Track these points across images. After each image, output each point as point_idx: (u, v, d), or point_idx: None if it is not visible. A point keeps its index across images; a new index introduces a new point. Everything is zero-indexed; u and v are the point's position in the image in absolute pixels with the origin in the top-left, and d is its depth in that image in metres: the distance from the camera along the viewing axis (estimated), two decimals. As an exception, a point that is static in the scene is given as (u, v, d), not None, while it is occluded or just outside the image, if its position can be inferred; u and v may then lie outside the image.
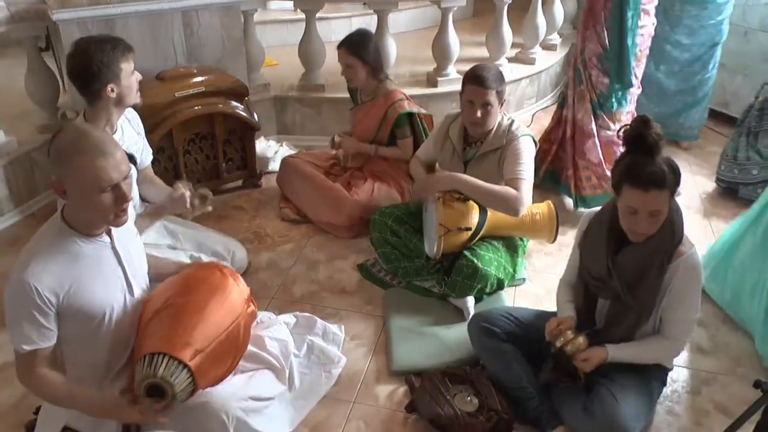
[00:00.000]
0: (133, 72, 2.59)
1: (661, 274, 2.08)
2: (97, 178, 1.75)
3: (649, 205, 1.98)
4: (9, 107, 3.62)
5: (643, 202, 1.98)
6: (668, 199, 2.00)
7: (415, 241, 3.01)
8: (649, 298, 2.11)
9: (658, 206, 1.99)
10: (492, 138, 2.85)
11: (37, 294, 1.77)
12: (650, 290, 2.10)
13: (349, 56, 3.38)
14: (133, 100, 2.64)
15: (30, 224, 3.48)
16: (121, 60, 2.52)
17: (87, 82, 2.52)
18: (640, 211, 2.00)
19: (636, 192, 1.98)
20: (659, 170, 1.96)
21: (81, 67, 2.49)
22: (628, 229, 2.08)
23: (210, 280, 2.14)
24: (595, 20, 3.32)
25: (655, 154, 1.99)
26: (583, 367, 2.16)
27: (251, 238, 3.43)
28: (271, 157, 4.09)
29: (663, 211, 2.01)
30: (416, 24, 5.89)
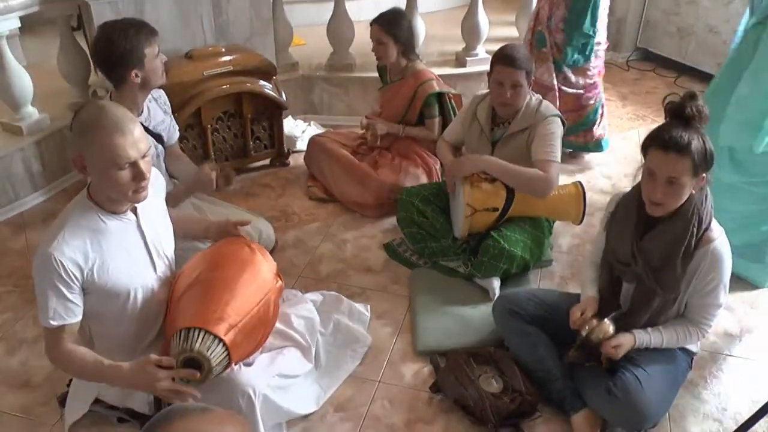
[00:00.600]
0: (158, 55, 2.59)
1: (687, 260, 2.06)
2: (115, 155, 1.78)
3: (668, 169, 1.95)
4: (42, 85, 3.66)
5: (661, 164, 1.96)
6: (690, 171, 1.95)
7: (442, 221, 3.01)
8: (674, 283, 2.08)
9: (676, 173, 1.94)
10: (520, 118, 2.83)
11: (62, 267, 1.80)
12: (675, 276, 2.07)
13: (383, 33, 3.37)
14: (158, 82, 2.65)
15: (62, 200, 3.54)
16: (144, 45, 2.52)
17: (111, 68, 2.54)
18: (658, 175, 1.97)
19: (656, 153, 1.97)
20: (686, 137, 1.93)
21: (105, 53, 2.52)
22: (646, 198, 2.05)
23: (239, 256, 2.18)
24: None
25: (690, 126, 1.96)
26: (613, 354, 2.13)
27: (278, 216, 3.46)
28: (298, 137, 4.10)
29: (681, 181, 1.95)
30: (445, 4, 5.84)
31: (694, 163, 1.94)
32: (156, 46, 2.57)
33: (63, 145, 3.65)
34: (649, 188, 2.03)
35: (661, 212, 2.05)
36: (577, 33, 3.57)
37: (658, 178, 1.98)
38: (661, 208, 2.04)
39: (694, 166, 1.95)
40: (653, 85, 5.11)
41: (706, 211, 2.06)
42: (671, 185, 1.97)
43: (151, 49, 2.55)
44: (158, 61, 2.59)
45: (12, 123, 3.50)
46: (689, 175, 1.96)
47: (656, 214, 2.06)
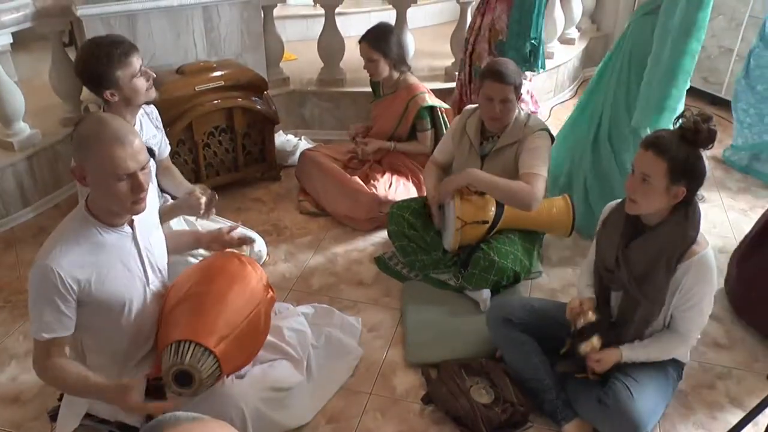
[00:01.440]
0: (138, 74, 2.53)
1: (670, 271, 2.08)
2: (114, 167, 1.79)
3: (643, 165, 2.03)
4: (34, 100, 3.68)
5: (639, 160, 2.05)
6: (665, 175, 1.99)
7: (433, 234, 3.03)
8: (657, 292, 2.11)
9: (649, 171, 2.01)
10: (509, 132, 2.86)
11: (59, 279, 1.80)
12: (657, 285, 2.10)
13: (371, 50, 3.40)
14: (142, 99, 2.60)
15: (54, 215, 3.54)
16: (116, 67, 2.47)
17: (90, 88, 2.57)
18: (636, 172, 2.06)
19: (640, 151, 2.05)
20: (672, 143, 2.00)
21: (82, 74, 2.53)
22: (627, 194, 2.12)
23: (229, 268, 2.18)
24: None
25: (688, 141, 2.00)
26: (595, 368, 2.19)
27: (270, 230, 3.47)
28: (290, 151, 4.12)
29: (653, 180, 2.01)
30: (434, 19, 5.89)
31: (670, 168, 1.98)
32: (132, 65, 2.51)
33: (54, 160, 3.65)
34: (627, 183, 2.10)
35: (635, 210, 2.10)
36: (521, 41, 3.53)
37: (635, 173, 2.06)
38: (635, 206, 2.09)
39: (669, 171, 1.99)
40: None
41: (692, 225, 2.08)
42: (644, 183, 2.03)
43: (125, 70, 2.49)
44: (138, 81, 2.54)
45: (4, 139, 3.50)
46: (663, 179, 2.00)
47: (631, 211, 2.12)
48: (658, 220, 2.10)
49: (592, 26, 5.59)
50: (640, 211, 2.10)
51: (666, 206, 2.07)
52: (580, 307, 2.22)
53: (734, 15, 4.59)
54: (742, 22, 4.56)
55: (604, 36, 5.55)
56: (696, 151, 2.01)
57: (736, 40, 4.61)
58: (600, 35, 5.55)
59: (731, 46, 4.66)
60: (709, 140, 2.01)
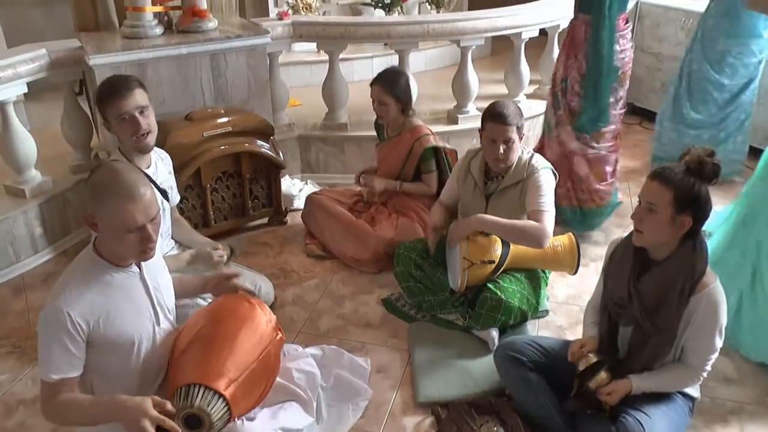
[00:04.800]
0: (123, 117, 2.58)
1: (682, 304, 2.11)
2: (124, 220, 1.84)
3: (649, 195, 2.08)
4: (46, 148, 3.74)
5: (645, 190, 2.10)
6: (670, 204, 2.03)
7: (439, 274, 3.05)
8: (669, 325, 2.13)
9: (654, 200, 2.06)
10: (513, 172, 2.90)
11: (69, 320, 1.83)
12: (670, 318, 2.12)
13: (384, 93, 3.47)
14: (126, 145, 2.67)
15: (62, 262, 3.57)
16: (106, 104, 2.60)
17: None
18: (642, 202, 2.11)
19: (646, 181, 2.10)
20: (678, 173, 2.05)
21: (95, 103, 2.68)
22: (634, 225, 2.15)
23: (238, 310, 2.20)
24: (576, 50, 3.47)
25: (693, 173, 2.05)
26: (608, 401, 2.18)
27: (277, 273, 3.49)
28: (296, 195, 4.16)
29: (659, 210, 2.05)
30: (436, 63, 6.01)
31: (676, 198, 2.03)
32: (119, 106, 2.57)
33: (64, 207, 3.70)
34: (633, 213, 2.13)
35: (641, 241, 2.14)
36: (594, 102, 3.48)
37: (641, 203, 2.10)
38: (641, 237, 2.12)
39: (675, 201, 2.03)
40: (640, 138, 5.23)
41: (700, 258, 2.11)
42: (649, 212, 2.07)
43: (113, 109, 2.58)
44: (121, 124, 2.60)
45: (15, 186, 3.56)
46: (668, 208, 2.04)
47: (637, 243, 2.15)
48: (666, 253, 2.13)
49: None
50: (646, 242, 2.13)
51: (672, 238, 2.10)
52: (581, 350, 2.24)
53: None
54: None
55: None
56: (701, 182, 2.06)
57: None
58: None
59: None
60: (713, 174, 2.06)
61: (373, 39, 4.49)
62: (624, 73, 3.51)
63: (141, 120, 2.61)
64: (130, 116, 2.59)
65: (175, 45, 3.59)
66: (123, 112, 2.58)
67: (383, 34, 4.36)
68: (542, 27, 4.80)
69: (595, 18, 3.34)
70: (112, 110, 2.59)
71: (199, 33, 3.72)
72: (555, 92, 3.63)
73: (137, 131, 2.61)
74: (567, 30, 3.63)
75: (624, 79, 3.52)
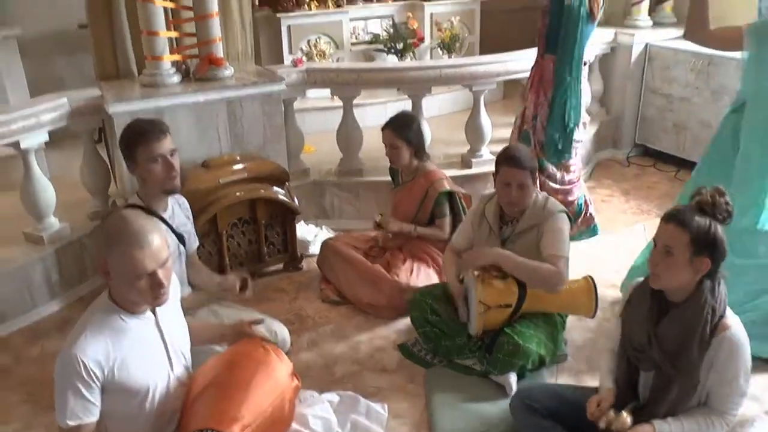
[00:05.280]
0: (156, 159, 2.62)
1: (703, 346, 2.08)
2: (134, 267, 1.87)
3: (665, 238, 2.06)
4: (64, 195, 3.78)
5: (661, 233, 2.09)
6: (688, 247, 2.03)
7: (456, 319, 3.03)
8: (691, 369, 2.10)
9: (672, 243, 2.04)
10: (528, 216, 2.91)
11: (83, 367, 1.85)
12: (692, 362, 2.09)
13: (395, 138, 3.50)
14: (157, 187, 2.69)
15: (78, 308, 3.56)
16: (136, 146, 2.62)
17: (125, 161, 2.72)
18: (658, 244, 2.09)
19: (661, 224, 2.10)
20: (692, 215, 2.05)
21: (120, 145, 2.70)
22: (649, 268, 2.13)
23: (254, 356, 2.22)
24: (546, 88, 3.69)
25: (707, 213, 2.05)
26: None
27: (293, 319, 3.48)
28: (311, 241, 4.17)
29: (676, 252, 2.04)
30: (449, 108, 6.06)
31: (693, 239, 2.02)
32: (152, 149, 2.61)
33: (82, 253, 3.73)
34: (651, 257, 2.12)
35: (658, 284, 2.12)
36: (560, 129, 3.72)
37: (657, 247, 2.08)
38: (659, 280, 2.11)
39: (692, 243, 2.02)
40: (654, 179, 5.22)
41: (719, 300, 2.10)
42: (666, 255, 2.05)
43: (145, 150, 2.61)
44: (154, 166, 2.63)
45: (34, 233, 3.59)
46: (686, 250, 2.03)
47: (654, 286, 2.13)
48: (684, 296, 2.11)
49: (601, 110, 5.72)
50: (663, 285, 2.11)
51: (690, 280, 2.08)
52: (599, 408, 2.21)
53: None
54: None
55: (614, 119, 5.66)
56: (716, 223, 2.06)
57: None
58: (610, 119, 5.66)
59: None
60: (728, 214, 2.06)
61: (387, 85, 4.56)
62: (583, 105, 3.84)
63: (173, 161, 2.66)
64: (163, 158, 2.63)
65: (193, 93, 3.65)
66: (157, 154, 2.62)
67: (396, 80, 4.43)
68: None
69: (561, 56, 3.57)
70: (145, 151, 2.61)
71: (215, 81, 3.78)
72: (525, 129, 3.81)
73: (170, 172, 2.65)
74: (533, 69, 3.82)
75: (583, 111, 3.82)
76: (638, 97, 5.54)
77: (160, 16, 3.60)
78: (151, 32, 3.58)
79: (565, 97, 3.66)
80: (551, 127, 3.73)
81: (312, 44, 5.90)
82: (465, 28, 6.56)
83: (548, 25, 3.61)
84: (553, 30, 3.59)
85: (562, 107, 3.68)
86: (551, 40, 3.63)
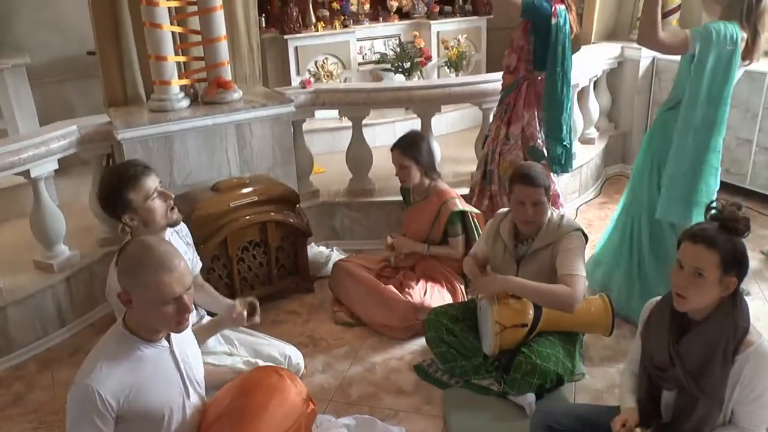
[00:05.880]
0: (152, 196, 2.53)
1: (727, 364, 2.03)
2: (161, 293, 1.85)
3: (695, 260, 2.00)
4: (73, 222, 3.78)
5: (689, 255, 2.02)
6: (718, 267, 1.98)
7: (472, 339, 3.01)
8: (716, 388, 2.05)
9: (702, 264, 1.99)
10: (543, 234, 2.88)
11: (99, 398, 1.83)
12: (716, 379, 2.04)
13: (404, 157, 3.49)
14: (161, 222, 2.59)
15: (89, 335, 3.56)
16: (129, 190, 2.49)
17: (109, 213, 2.59)
18: (686, 266, 2.03)
19: (686, 245, 2.04)
20: (717, 233, 2.00)
21: (100, 199, 2.59)
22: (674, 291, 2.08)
23: (268, 382, 2.20)
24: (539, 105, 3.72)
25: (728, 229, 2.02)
26: None
27: (306, 342, 3.45)
28: (322, 262, 4.14)
29: (707, 274, 1.99)
30: (457, 126, 6.04)
31: (723, 259, 1.98)
32: (145, 187, 2.51)
33: (91, 280, 3.71)
34: (675, 279, 2.06)
35: (685, 307, 2.07)
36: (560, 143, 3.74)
37: (685, 269, 2.03)
38: (686, 302, 2.06)
39: (722, 262, 1.98)
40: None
41: (742, 316, 2.06)
42: (697, 277, 2.00)
43: (138, 192, 2.50)
44: (153, 202, 2.53)
45: (44, 261, 3.57)
46: (716, 271, 1.99)
47: (681, 308, 2.08)
48: (705, 314, 2.07)
49: (610, 125, 5.70)
50: (691, 306, 2.06)
51: (716, 299, 2.04)
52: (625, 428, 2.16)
53: (749, 107, 4.67)
54: (757, 113, 4.63)
55: (623, 134, 5.64)
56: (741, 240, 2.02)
57: (754, 130, 4.67)
58: (618, 133, 5.64)
59: (749, 137, 4.72)
60: (747, 228, 2.03)
61: (396, 104, 4.55)
62: None
63: (167, 191, 2.61)
64: (159, 191, 2.57)
65: (201, 117, 3.65)
66: (152, 190, 2.53)
67: (405, 99, 4.42)
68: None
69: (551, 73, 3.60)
70: (140, 192, 2.50)
71: (224, 104, 3.78)
72: (531, 145, 3.76)
73: (170, 202, 2.60)
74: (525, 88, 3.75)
75: None
76: (647, 111, 5.52)
77: (169, 41, 3.62)
78: (160, 57, 3.59)
79: (559, 112, 3.67)
80: (551, 141, 3.73)
81: (319, 65, 5.92)
82: (472, 45, 6.59)
83: (535, 43, 3.64)
84: (539, 48, 3.62)
85: (559, 122, 3.68)
86: (539, 58, 3.66)
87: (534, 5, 3.48)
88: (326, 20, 6.04)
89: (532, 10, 3.50)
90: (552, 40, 3.55)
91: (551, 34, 3.53)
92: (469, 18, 6.56)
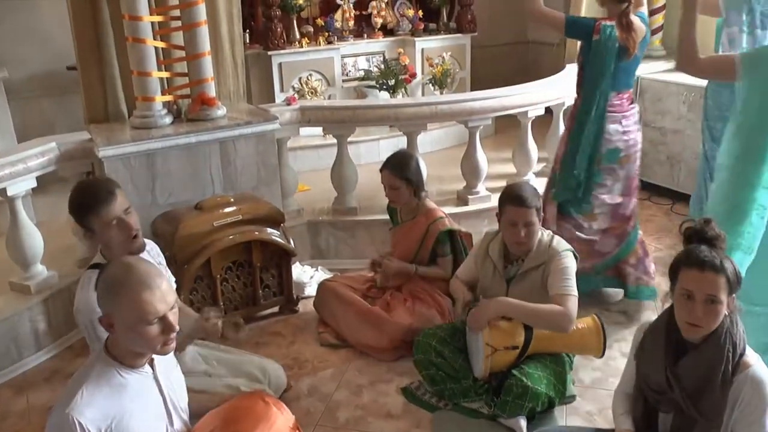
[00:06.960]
0: (111, 224, 2.39)
1: (726, 386, 2.02)
2: (144, 312, 1.80)
3: (707, 288, 1.96)
4: (51, 242, 3.69)
5: (700, 283, 1.97)
6: (727, 290, 1.97)
7: (461, 361, 2.96)
8: (715, 410, 2.03)
9: (715, 291, 1.96)
10: (534, 255, 2.86)
11: (80, 428, 1.76)
12: (715, 402, 2.03)
13: (394, 178, 3.44)
14: (118, 251, 2.44)
15: (67, 357, 3.48)
16: (88, 215, 2.40)
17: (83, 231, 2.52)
18: (696, 295, 1.98)
19: (693, 273, 1.98)
20: (717, 256, 1.98)
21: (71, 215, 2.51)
22: (683, 321, 2.03)
23: (254, 410, 2.15)
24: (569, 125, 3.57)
25: (715, 247, 2.01)
26: None
27: (291, 364, 3.37)
28: (307, 282, 4.08)
29: (720, 299, 1.96)
30: (441, 144, 6.03)
31: (729, 281, 1.97)
32: (103, 215, 2.38)
33: (69, 301, 3.56)
34: (686, 310, 2.02)
35: (699, 335, 2.04)
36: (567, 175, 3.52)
37: (697, 299, 1.98)
38: (699, 330, 2.02)
39: (729, 285, 1.98)
40: (651, 213, 5.19)
41: (738, 336, 2.04)
42: (711, 304, 1.97)
43: (97, 218, 2.39)
44: (110, 231, 2.41)
45: (21, 282, 3.48)
46: (726, 294, 1.98)
47: (695, 336, 2.05)
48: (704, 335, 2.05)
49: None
50: (704, 334, 2.03)
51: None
52: None
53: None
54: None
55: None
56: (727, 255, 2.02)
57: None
58: (604, 153, 5.64)
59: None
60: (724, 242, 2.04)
61: (382, 122, 4.52)
62: (627, 156, 3.54)
63: (130, 221, 2.44)
64: (119, 220, 2.40)
65: (185, 134, 3.59)
66: (110, 218, 2.39)
67: (392, 117, 4.39)
68: (548, 105, 4.84)
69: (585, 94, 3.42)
70: (98, 219, 2.39)
71: (208, 121, 3.72)
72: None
73: (129, 232, 2.44)
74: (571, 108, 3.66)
75: (626, 161, 3.54)
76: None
77: (152, 56, 3.56)
78: (142, 72, 3.53)
79: (579, 139, 3.45)
80: (566, 171, 3.51)
81: (303, 81, 5.90)
82: (456, 63, 6.59)
83: (584, 63, 3.44)
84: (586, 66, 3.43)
85: (576, 149, 3.46)
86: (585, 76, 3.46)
87: (575, 21, 3.34)
88: (310, 36, 6.02)
89: (573, 26, 3.38)
90: (590, 59, 3.37)
91: (590, 52, 3.36)
92: (453, 35, 6.57)
